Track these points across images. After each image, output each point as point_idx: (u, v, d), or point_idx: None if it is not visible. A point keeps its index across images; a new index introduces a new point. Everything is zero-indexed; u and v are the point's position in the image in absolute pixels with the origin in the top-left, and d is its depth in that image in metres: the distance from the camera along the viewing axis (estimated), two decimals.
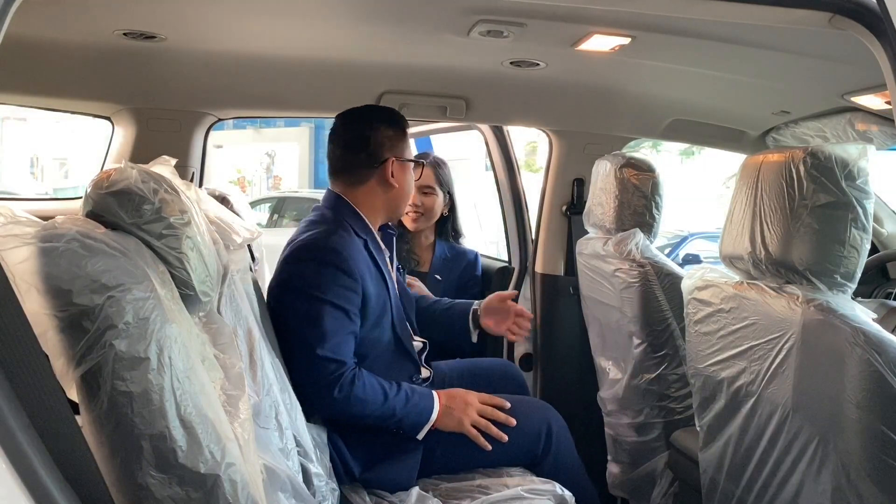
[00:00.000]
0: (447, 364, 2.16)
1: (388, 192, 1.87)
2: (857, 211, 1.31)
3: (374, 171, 1.86)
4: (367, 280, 1.75)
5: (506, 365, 2.29)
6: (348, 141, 1.88)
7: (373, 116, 1.91)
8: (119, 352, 0.90)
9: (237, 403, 1.12)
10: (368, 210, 1.87)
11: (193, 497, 0.94)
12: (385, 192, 1.87)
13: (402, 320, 1.91)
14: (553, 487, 1.67)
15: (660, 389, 2.09)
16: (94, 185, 1.05)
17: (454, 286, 2.67)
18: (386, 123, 1.89)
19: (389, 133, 1.87)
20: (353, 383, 1.67)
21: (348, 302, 1.71)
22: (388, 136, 1.87)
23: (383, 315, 1.82)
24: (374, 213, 1.88)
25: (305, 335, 1.67)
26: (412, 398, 1.75)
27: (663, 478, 2.10)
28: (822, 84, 1.97)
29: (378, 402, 1.70)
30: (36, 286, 0.89)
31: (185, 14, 1.69)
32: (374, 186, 1.86)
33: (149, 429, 0.91)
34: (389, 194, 1.88)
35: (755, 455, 1.47)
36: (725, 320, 1.54)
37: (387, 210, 1.90)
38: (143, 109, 2.28)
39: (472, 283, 2.73)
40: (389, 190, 1.87)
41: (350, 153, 1.87)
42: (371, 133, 1.86)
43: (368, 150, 1.85)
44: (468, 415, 1.78)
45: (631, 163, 2.20)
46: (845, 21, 1.21)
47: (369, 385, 1.70)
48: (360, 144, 1.86)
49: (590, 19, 1.59)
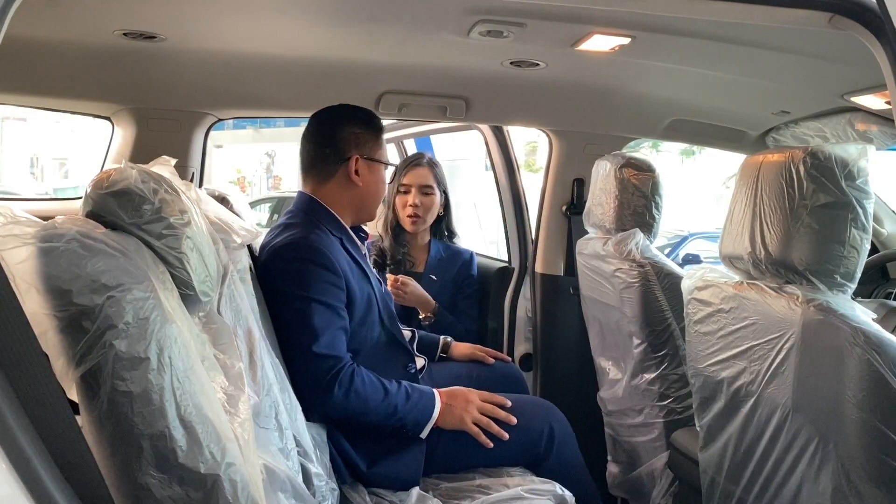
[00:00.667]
0: (446, 365, 2.17)
1: (352, 191, 1.86)
2: (857, 211, 1.31)
3: (338, 167, 1.85)
4: (349, 277, 1.75)
5: (506, 365, 2.29)
6: (316, 136, 1.89)
7: (342, 113, 1.91)
8: (119, 352, 0.90)
9: (237, 403, 1.11)
10: (337, 208, 1.86)
11: (193, 497, 0.94)
12: (349, 189, 1.86)
13: (389, 314, 1.91)
14: (553, 487, 1.67)
15: (660, 389, 2.09)
16: (94, 185, 1.05)
17: (450, 286, 2.66)
18: (354, 120, 1.88)
19: (357, 130, 1.87)
20: (353, 379, 1.67)
21: (335, 298, 1.71)
22: (356, 133, 1.87)
23: (370, 310, 1.82)
24: (342, 212, 1.87)
25: (298, 336, 1.66)
26: (413, 395, 1.75)
27: (663, 478, 2.10)
28: (821, 84, 1.97)
29: (378, 398, 1.70)
30: (36, 286, 0.89)
31: (185, 14, 1.69)
32: (338, 183, 1.86)
33: (149, 429, 0.91)
34: (353, 192, 1.87)
35: (755, 455, 1.47)
36: (725, 320, 1.54)
37: (353, 209, 1.89)
38: (143, 109, 2.28)
39: (467, 283, 2.72)
40: (353, 188, 1.86)
41: (317, 148, 1.88)
42: (337, 129, 1.86)
43: (334, 145, 1.86)
44: (469, 412, 1.78)
45: (631, 163, 2.20)
46: (845, 21, 1.21)
47: (368, 381, 1.70)
48: (327, 140, 1.86)
49: (590, 19, 1.59)
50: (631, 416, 2.21)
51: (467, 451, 1.80)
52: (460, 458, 1.81)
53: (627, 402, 2.21)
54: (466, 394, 1.82)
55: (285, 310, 1.68)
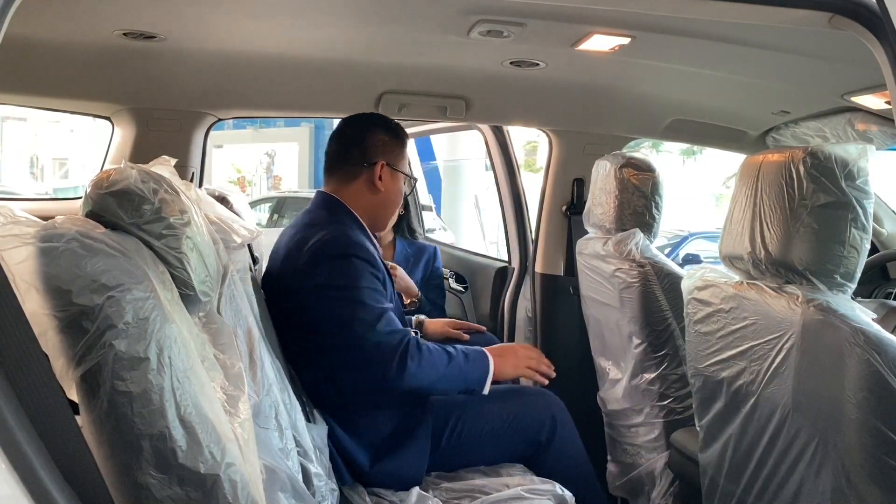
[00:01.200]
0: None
1: (373, 196, 1.90)
2: (857, 211, 1.31)
3: (363, 170, 1.89)
4: (384, 273, 1.82)
5: (482, 335, 2.34)
6: (345, 138, 1.93)
7: (373, 121, 1.96)
8: (119, 352, 0.89)
9: (237, 403, 1.11)
10: (357, 211, 1.90)
11: (193, 497, 0.94)
12: (371, 194, 1.90)
13: (399, 308, 1.97)
14: (553, 487, 1.67)
15: (660, 389, 2.09)
16: (94, 184, 1.04)
17: (418, 281, 2.72)
18: (384, 129, 1.93)
19: (385, 138, 1.92)
20: (420, 348, 1.71)
21: (381, 286, 1.77)
22: (384, 140, 1.91)
23: (394, 306, 1.87)
24: (360, 216, 1.90)
25: (356, 328, 1.68)
26: (469, 354, 1.79)
27: (663, 478, 2.10)
28: (821, 84, 1.97)
29: (444, 362, 1.74)
30: (35, 286, 0.88)
31: (185, 14, 1.69)
32: (361, 187, 1.89)
33: (148, 429, 0.91)
34: (374, 198, 1.90)
35: (755, 455, 1.47)
36: (725, 320, 1.54)
37: (370, 215, 1.92)
38: (143, 109, 2.28)
39: (434, 276, 2.78)
40: (375, 193, 1.90)
41: (344, 150, 1.92)
42: (367, 133, 1.91)
43: (362, 148, 1.89)
44: (520, 359, 1.87)
45: (631, 163, 2.20)
46: (845, 21, 1.21)
47: (433, 348, 1.74)
48: (355, 142, 1.91)
49: (590, 19, 1.59)
50: (631, 416, 2.21)
51: (470, 447, 1.82)
52: (464, 453, 1.83)
53: (627, 402, 2.21)
54: (512, 346, 2.00)
55: (338, 304, 1.70)
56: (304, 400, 1.69)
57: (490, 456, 1.85)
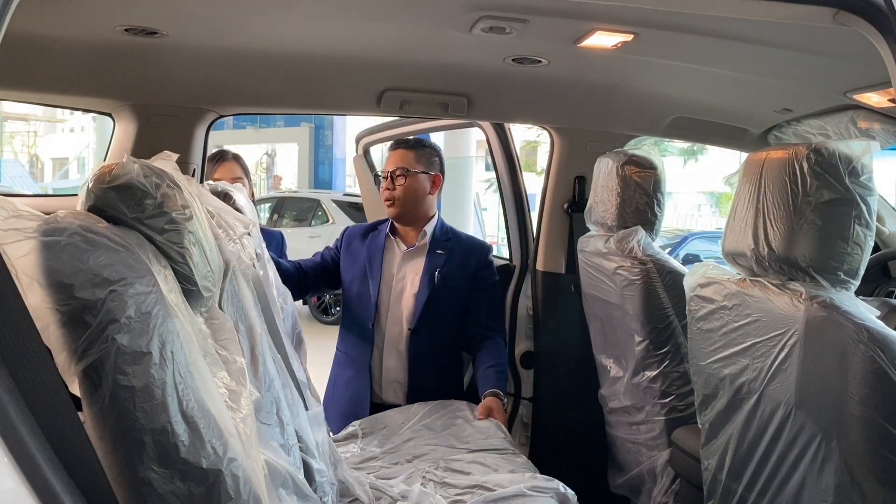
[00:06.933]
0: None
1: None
2: (860, 208, 1.31)
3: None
4: None
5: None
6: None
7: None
8: (121, 346, 0.89)
9: (239, 399, 1.11)
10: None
11: (195, 492, 0.94)
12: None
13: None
14: (556, 485, 1.67)
15: (661, 387, 2.09)
16: (96, 179, 1.04)
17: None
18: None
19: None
20: None
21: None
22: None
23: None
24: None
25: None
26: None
27: (664, 476, 2.10)
28: (824, 82, 1.96)
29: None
30: (38, 280, 0.88)
31: (186, 10, 1.69)
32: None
33: (151, 423, 0.91)
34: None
35: (757, 452, 1.46)
36: (728, 317, 1.54)
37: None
38: (144, 106, 2.27)
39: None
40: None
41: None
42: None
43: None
44: None
45: (633, 160, 2.19)
46: (850, 17, 1.21)
47: None
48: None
49: (592, 16, 1.59)
50: (632, 414, 2.21)
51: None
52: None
53: (629, 399, 2.21)
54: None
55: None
56: (305, 395, 1.69)
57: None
